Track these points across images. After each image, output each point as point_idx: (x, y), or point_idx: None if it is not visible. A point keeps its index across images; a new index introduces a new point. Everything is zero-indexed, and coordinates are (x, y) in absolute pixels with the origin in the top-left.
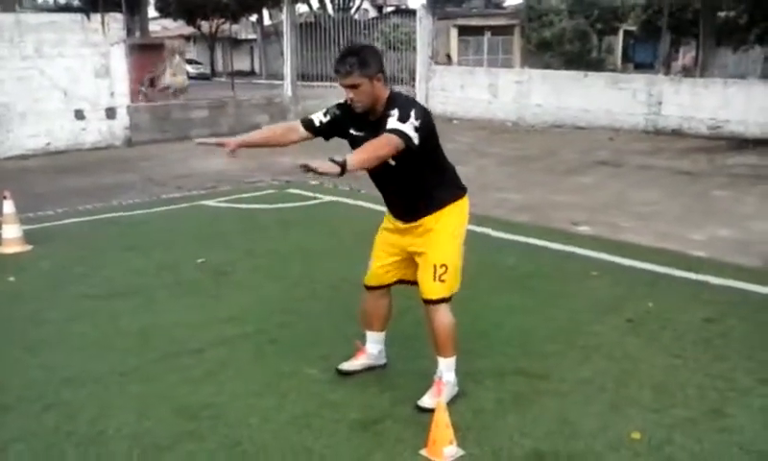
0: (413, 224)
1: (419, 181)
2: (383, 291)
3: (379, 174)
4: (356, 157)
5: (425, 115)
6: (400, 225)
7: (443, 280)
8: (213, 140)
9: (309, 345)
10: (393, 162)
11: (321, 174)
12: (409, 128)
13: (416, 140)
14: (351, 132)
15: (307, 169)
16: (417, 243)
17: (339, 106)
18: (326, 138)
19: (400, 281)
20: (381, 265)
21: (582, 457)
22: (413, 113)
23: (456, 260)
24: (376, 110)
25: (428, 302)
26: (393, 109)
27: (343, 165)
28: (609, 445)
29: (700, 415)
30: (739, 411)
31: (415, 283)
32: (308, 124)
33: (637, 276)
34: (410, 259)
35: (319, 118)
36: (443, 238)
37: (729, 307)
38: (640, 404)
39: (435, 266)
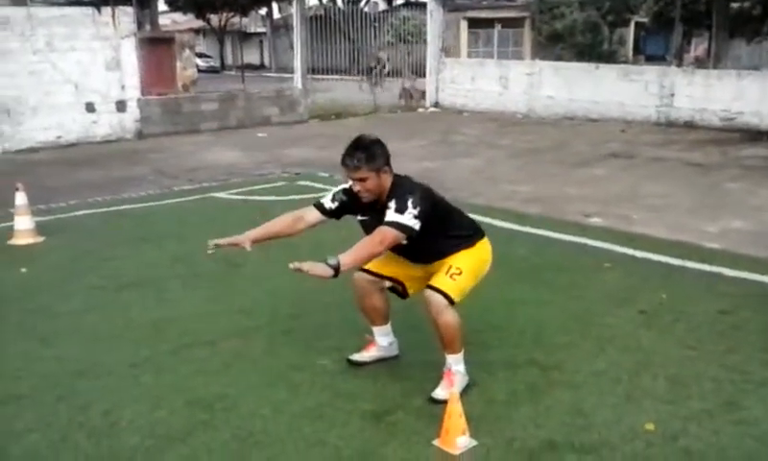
0: (428, 266)
1: (432, 246)
2: (374, 289)
3: (392, 249)
4: (350, 259)
5: (425, 199)
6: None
7: (453, 279)
8: (228, 240)
9: (321, 336)
10: (404, 242)
11: (313, 277)
12: (407, 218)
13: (416, 227)
14: (358, 217)
15: (301, 272)
16: (435, 266)
17: (345, 191)
18: (337, 219)
19: (396, 282)
20: (392, 262)
21: (596, 448)
22: (410, 203)
23: (470, 276)
24: (381, 199)
25: (431, 288)
26: (391, 200)
27: (336, 268)
28: (623, 436)
29: (715, 407)
30: (755, 403)
31: (403, 296)
32: (321, 208)
33: (651, 268)
34: (421, 278)
35: (327, 204)
36: (464, 255)
37: (743, 299)
38: (655, 396)
39: (450, 266)
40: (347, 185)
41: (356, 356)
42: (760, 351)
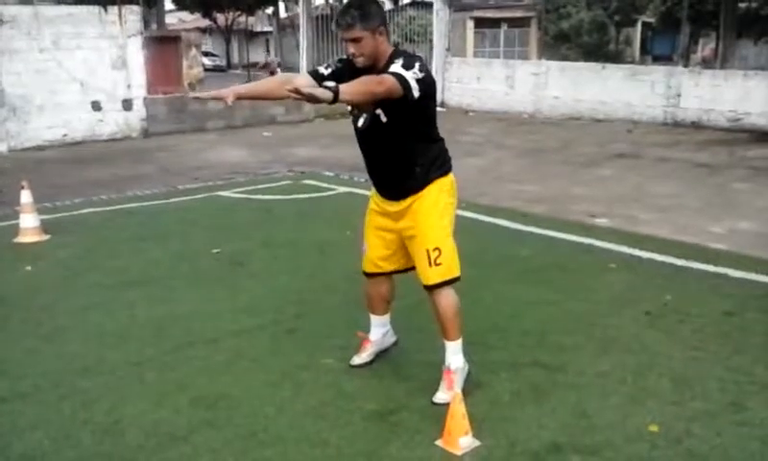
0: (401, 206)
1: (407, 149)
2: (383, 278)
3: (368, 133)
4: (350, 88)
5: (429, 73)
6: (389, 208)
7: (438, 264)
8: (210, 94)
9: (325, 336)
10: (384, 119)
11: (312, 99)
12: (411, 76)
13: (415, 92)
14: None
15: (299, 93)
16: (407, 226)
17: (341, 60)
18: None
19: (398, 272)
20: (378, 256)
21: (599, 450)
22: (417, 65)
23: (447, 241)
24: (378, 67)
25: (428, 288)
26: (397, 58)
27: (336, 92)
28: (627, 437)
29: (719, 408)
30: (759, 405)
31: (412, 268)
32: (314, 73)
33: (656, 268)
34: (405, 248)
35: (321, 70)
36: (431, 220)
37: (748, 300)
38: (659, 397)
39: (428, 251)
40: (343, 56)
41: (356, 360)
42: (766, 353)
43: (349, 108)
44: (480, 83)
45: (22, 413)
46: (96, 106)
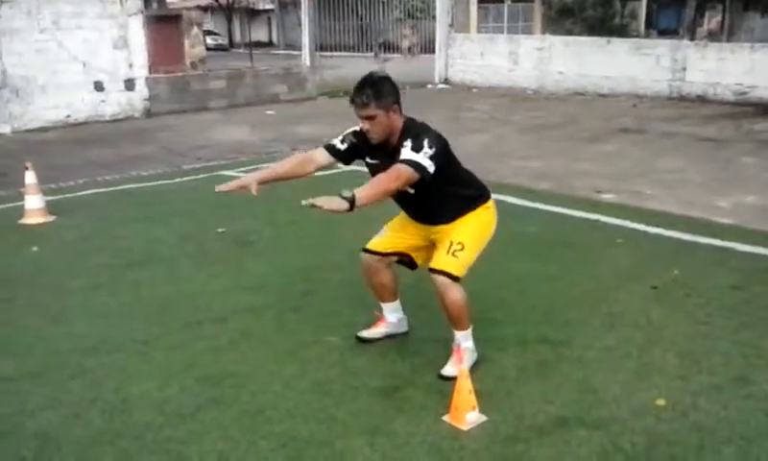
0: (433, 228)
1: (438, 202)
2: (380, 260)
3: (399, 199)
4: (366, 193)
5: (439, 141)
6: (420, 224)
7: (455, 256)
8: (234, 184)
9: (331, 313)
10: (411, 191)
11: (328, 212)
12: (422, 157)
13: (430, 169)
14: (367, 159)
15: (316, 207)
16: (440, 230)
17: (355, 134)
18: (346, 164)
19: (402, 255)
20: (398, 236)
21: (606, 424)
22: (426, 142)
23: (473, 248)
24: (391, 141)
25: (434, 271)
26: (406, 139)
27: (351, 201)
28: (633, 411)
29: (725, 382)
30: (765, 378)
31: (411, 266)
32: (331, 149)
33: (662, 243)
34: (426, 247)
35: (338, 145)
36: (467, 225)
37: (755, 274)
38: (665, 371)
39: (452, 242)
40: (357, 128)
41: (365, 333)
42: None
43: (371, 173)
44: (483, 58)
45: (32, 393)
46: (98, 86)
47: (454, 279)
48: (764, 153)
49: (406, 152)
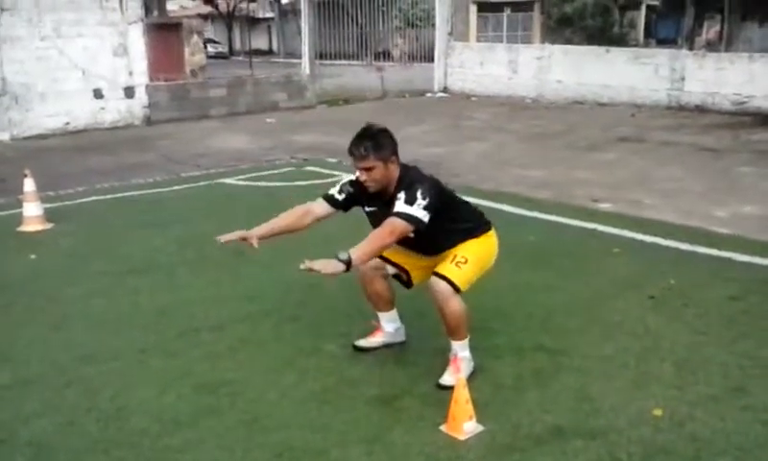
0: (434, 258)
1: (439, 239)
2: (377, 267)
3: (399, 243)
4: (361, 252)
5: (432, 189)
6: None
7: (459, 267)
8: (236, 235)
9: (328, 322)
10: (411, 235)
11: (326, 276)
12: (416, 209)
13: (425, 219)
14: (365, 208)
15: (313, 271)
16: (441, 256)
17: (351, 183)
18: (345, 211)
19: (400, 269)
20: (397, 249)
21: (603, 433)
22: (419, 194)
23: (476, 265)
24: (388, 190)
25: (437, 275)
26: (400, 191)
27: (348, 263)
28: (630, 421)
29: (723, 392)
30: (763, 389)
31: (407, 284)
32: (329, 200)
33: (660, 253)
34: (426, 267)
35: (336, 195)
36: (470, 245)
37: (753, 284)
38: (662, 381)
39: (456, 255)
40: (353, 177)
41: (362, 342)
42: None
43: (369, 220)
44: (483, 67)
45: (27, 400)
46: (98, 93)
47: (455, 289)
48: (762, 163)
49: (400, 204)
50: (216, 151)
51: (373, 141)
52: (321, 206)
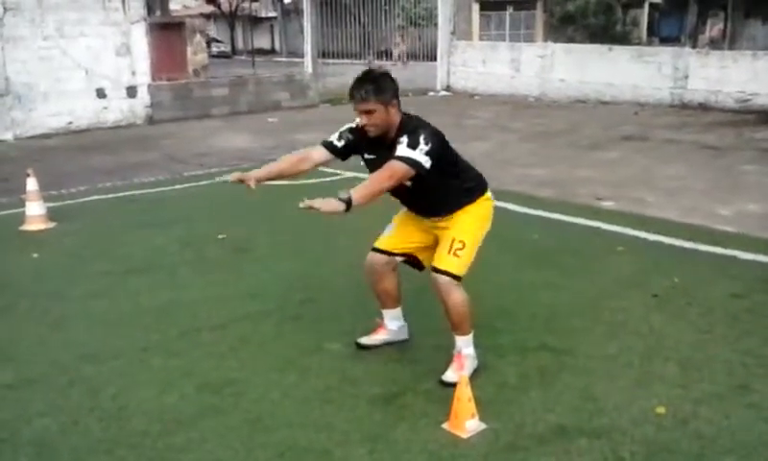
0: (434, 220)
1: (437, 195)
2: (388, 262)
3: (397, 193)
4: (361, 192)
5: (436, 136)
6: (422, 218)
7: (457, 255)
8: (234, 176)
9: (330, 321)
10: (409, 184)
11: (325, 214)
12: (418, 154)
13: (426, 165)
14: (365, 155)
15: (312, 208)
16: (444, 225)
17: (351, 130)
18: (343, 159)
19: (409, 256)
20: (404, 234)
21: (606, 432)
22: (422, 139)
23: (473, 244)
24: (389, 135)
25: (436, 270)
26: (403, 135)
27: (348, 202)
28: (634, 420)
29: (726, 390)
30: (767, 387)
31: (419, 268)
32: (328, 146)
33: (663, 251)
34: (430, 247)
35: (335, 141)
36: (467, 222)
37: (757, 283)
38: (666, 380)
39: (453, 240)
40: (353, 124)
41: (365, 340)
42: None
43: (368, 169)
44: (485, 66)
45: (30, 400)
46: (100, 93)
47: (456, 278)
48: (766, 161)
49: (402, 148)
50: (218, 150)
51: (375, 84)
52: (319, 152)
